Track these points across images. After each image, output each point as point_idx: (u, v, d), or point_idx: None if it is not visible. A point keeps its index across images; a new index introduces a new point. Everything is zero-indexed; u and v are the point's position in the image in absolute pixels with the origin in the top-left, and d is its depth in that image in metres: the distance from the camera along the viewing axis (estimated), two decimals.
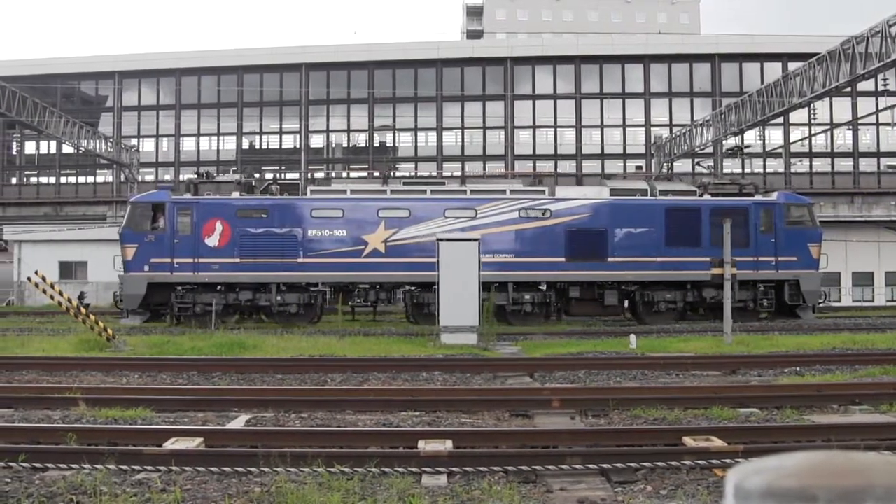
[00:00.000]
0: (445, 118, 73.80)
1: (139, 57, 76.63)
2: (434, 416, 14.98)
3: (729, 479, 1.62)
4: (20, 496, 9.51)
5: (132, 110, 76.88)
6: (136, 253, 39.46)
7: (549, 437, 12.46)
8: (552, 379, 20.65)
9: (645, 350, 27.02)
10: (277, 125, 76.01)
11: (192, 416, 15.08)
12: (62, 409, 15.63)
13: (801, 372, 21.57)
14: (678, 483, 10.20)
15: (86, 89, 79.54)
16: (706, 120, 54.40)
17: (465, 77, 74.84)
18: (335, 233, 40.01)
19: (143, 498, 9.41)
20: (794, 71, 44.43)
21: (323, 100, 75.11)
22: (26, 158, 79.19)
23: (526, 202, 40.60)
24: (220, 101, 75.84)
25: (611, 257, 40.19)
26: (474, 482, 10.25)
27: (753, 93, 48.14)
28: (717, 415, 14.55)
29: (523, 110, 74.14)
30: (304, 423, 14.53)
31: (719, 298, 40.02)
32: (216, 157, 75.45)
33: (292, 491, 9.33)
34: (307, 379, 20.40)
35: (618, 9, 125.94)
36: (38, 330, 35.94)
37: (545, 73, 75.02)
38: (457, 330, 29.87)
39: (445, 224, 39.75)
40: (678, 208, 40.97)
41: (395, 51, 74.62)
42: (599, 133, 74.53)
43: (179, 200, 40.51)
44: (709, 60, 73.71)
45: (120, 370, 22.04)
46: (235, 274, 39.67)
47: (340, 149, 76.44)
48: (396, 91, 74.17)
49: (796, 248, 40.80)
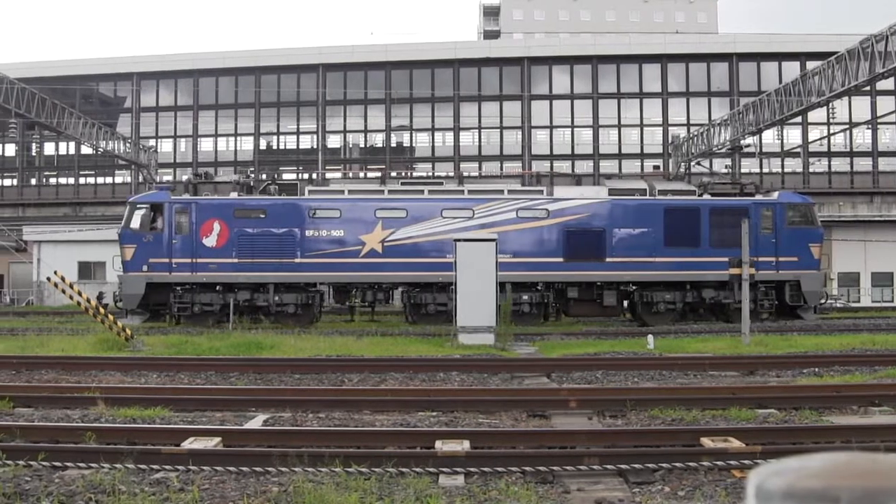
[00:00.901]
0: (462, 118, 73.82)
1: (157, 58, 76.87)
2: (451, 417, 14.98)
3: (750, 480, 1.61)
4: (40, 494, 9.55)
5: (150, 111, 77.17)
6: (135, 253, 39.50)
7: (566, 438, 12.42)
8: (569, 379, 20.63)
9: (662, 350, 26.96)
10: (295, 125, 76.12)
11: (210, 416, 15.12)
12: (81, 408, 15.70)
13: (819, 373, 21.50)
14: (696, 484, 10.17)
15: (104, 90, 79.82)
16: (724, 119, 54.23)
17: (482, 77, 74.86)
18: (333, 233, 40.01)
19: (161, 497, 9.43)
20: (812, 70, 44.24)
21: (340, 100, 75.18)
22: (45, 159, 79.48)
23: (524, 202, 40.46)
24: (238, 102, 76.09)
25: (609, 257, 39.98)
26: (491, 482, 10.25)
27: (771, 92, 47.96)
28: (735, 415, 14.52)
29: (540, 110, 74.12)
30: (322, 423, 14.55)
31: (719, 299, 40.05)
32: (234, 158, 75.68)
33: (310, 491, 9.34)
34: (325, 379, 20.41)
35: (635, 8, 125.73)
36: (57, 330, 36.05)
37: (562, 73, 74.98)
38: (474, 330, 29.84)
39: (443, 224, 39.82)
40: (677, 208, 40.76)
41: (411, 51, 74.67)
42: (617, 133, 74.44)
43: (178, 200, 40.52)
44: (726, 60, 73.59)
45: (138, 370, 22.11)
46: (233, 274, 39.68)
47: (357, 149, 76.45)
48: (413, 91, 74.16)
49: (797, 248, 40.48)
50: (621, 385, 19.27)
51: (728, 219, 40.18)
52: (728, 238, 39.73)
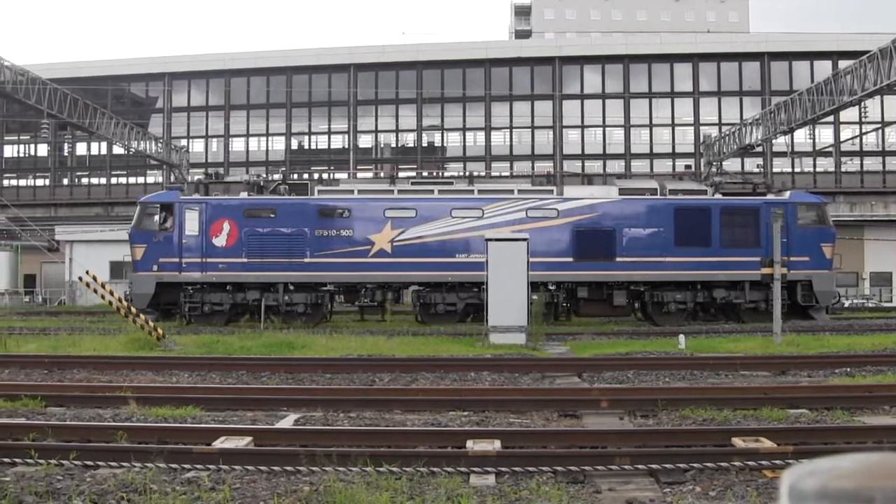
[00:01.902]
0: (494, 118, 73.86)
1: (189, 58, 77.25)
2: (482, 416, 14.98)
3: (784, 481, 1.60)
4: (72, 493, 9.59)
5: (182, 111, 77.52)
6: (145, 253, 39.65)
7: (597, 438, 12.40)
8: (601, 379, 20.60)
9: (694, 350, 26.88)
10: (326, 125, 76.34)
11: (241, 416, 15.16)
12: (113, 407, 15.77)
13: (851, 373, 21.38)
14: (727, 484, 10.13)
15: (136, 91, 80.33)
16: (755, 119, 53.99)
17: (514, 77, 74.92)
18: (342, 233, 40.00)
19: (193, 496, 9.46)
20: (844, 69, 43.95)
21: (371, 100, 75.34)
22: (78, 160, 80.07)
23: (533, 202, 40.34)
24: (269, 102, 76.36)
25: (619, 257, 39.75)
26: (522, 482, 10.24)
27: (803, 91, 47.67)
28: (766, 416, 14.46)
29: (571, 110, 74.07)
30: (353, 422, 14.56)
31: (730, 299, 39.80)
32: (265, 158, 75.95)
33: (341, 490, 9.35)
34: (355, 378, 20.42)
35: (666, 7, 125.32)
36: (89, 329, 36.21)
37: (593, 73, 74.93)
38: (506, 330, 29.80)
39: (452, 224, 39.84)
40: (688, 208, 40.50)
41: (443, 51, 74.74)
42: (648, 132, 74.29)
43: (188, 200, 40.65)
44: (758, 59, 73.33)
45: (170, 369, 22.21)
46: (243, 273, 39.80)
47: (389, 149, 76.59)
48: (444, 91, 74.27)
49: (809, 248, 40.08)
50: (652, 385, 19.22)
51: (739, 218, 40.12)
52: (739, 238, 39.66)
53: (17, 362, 23.23)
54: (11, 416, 14.84)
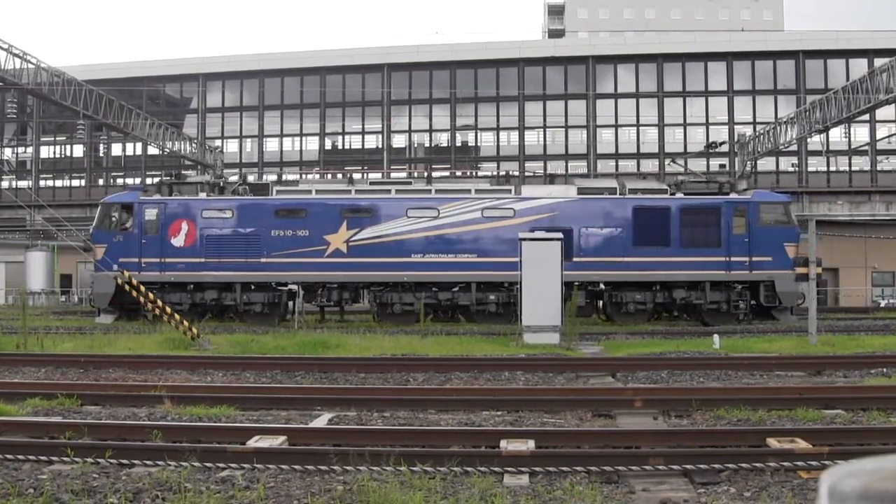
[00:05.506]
0: (527, 117, 73.73)
1: (223, 59, 77.43)
2: (516, 416, 14.97)
3: (823, 482, 1.58)
4: (107, 491, 9.64)
5: (216, 112, 77.73)
6: (106, 252, 40.09)
7: (631, 438, 12.37)
8: (634, 379, 20.57)
9: (728, 350, 26.79)
10: (360, 125, 76.40)
11: (275, 415, 15.20)
12: (148, 406, 15.85)
13: (888, 373, 21.25)
14: (762, 485, 10.08)
15: (170, 91, 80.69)
16: (790, 117, 53.65)
17: (547, 76, 74.75)
18: (298, 233, 40.25)
19: (227, 495, 9.49)
20: (880, 67, 43.63)
21: (405, 100, 75.36)
22: (113, 160, 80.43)
23: (489, 202, 40.46)
24: (303, 102, 76.47)
25: (577, 257, 39.44)
26: (556, 482, 10.22)
27: (838, 89, 47.33)
28: (801, 416, 14.38)
29: (605, 109, 73.83)
30: (387, 422, 14.57)
31: (690, 300, 39.61)
32: (299, 158, 76.09)
33: (374, 489, 9.35)
34: (389, 378, 20.47)
35: (700, 6, 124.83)
36: (124, 329, 36.40)
37: (627, 72, 74.67)
38: (539, 329, 29.78)
39: (407, 224, 40.08)
40: (647, 207, 40.43)
41: (476, 50, 74.62)
42: (682, 131, 73.95)
43: (147, 201, 41.17)
44: (793, 57, 72.80)
45: (204, 368, 22.33)
46: (201, 273, 40.22)
47: (423, 149, 76.60)
48: (478, 90, 74.19)
49: (771, 247, 39.73)
50: (687, 385, 19.18)
51: (700, 218, 39.99)
52: (700, 238, 39.50)
53: (53, 361, 23.38)
54: (48, 415, 14.94)
